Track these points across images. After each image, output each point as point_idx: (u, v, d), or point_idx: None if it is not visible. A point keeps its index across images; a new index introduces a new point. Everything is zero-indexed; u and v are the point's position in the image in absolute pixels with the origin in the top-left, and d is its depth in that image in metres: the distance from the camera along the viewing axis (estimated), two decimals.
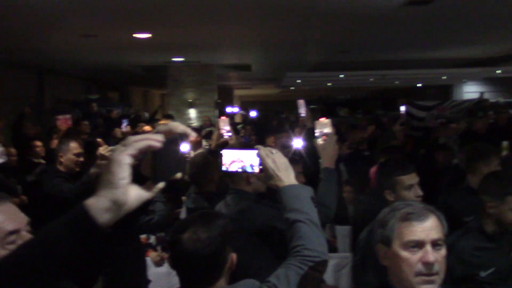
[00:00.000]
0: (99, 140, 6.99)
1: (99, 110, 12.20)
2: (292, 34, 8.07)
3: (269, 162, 1.84)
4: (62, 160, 4.11)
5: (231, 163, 1.84)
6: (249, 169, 1.85)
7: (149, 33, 7.51)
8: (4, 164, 5.26)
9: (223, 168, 1.86)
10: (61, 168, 4.10)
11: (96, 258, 1.04)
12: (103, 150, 3.48)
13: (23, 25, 6.56)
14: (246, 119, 16.16)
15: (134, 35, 7.53)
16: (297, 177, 3.12)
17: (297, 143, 3.35)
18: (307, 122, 4.10)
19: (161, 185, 1.08)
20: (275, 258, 2.60)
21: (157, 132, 1.09)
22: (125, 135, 7.37)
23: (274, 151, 1.90)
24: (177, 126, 1.11)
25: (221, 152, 1.93)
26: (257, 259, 2.60)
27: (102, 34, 7.39)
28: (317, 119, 2.96)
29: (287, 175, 1.86)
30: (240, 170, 1.87)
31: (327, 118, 3.04)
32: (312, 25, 7.34)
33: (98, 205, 1.00)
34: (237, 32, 7.86)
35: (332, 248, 5.00)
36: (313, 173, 3.46)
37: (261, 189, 2.80)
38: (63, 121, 7.43)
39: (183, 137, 1.10)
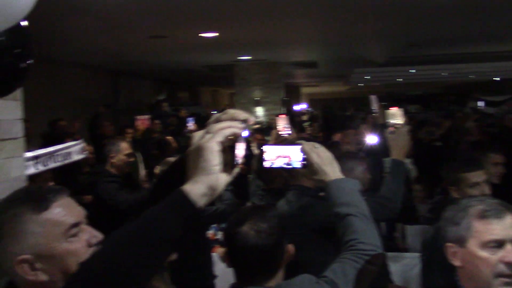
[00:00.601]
0: (169, 138, 7.24)
1: (169, 109, 12.54)
2: (360, 28, 7.89)
3: (314, 157, 1.81)
4: (113, 161, 4.09)
5: (276, 159, 1.81)
6: (295, 165, 1.81)
7: (216, 32, 7.61)
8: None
9: (267, 164, 1.83)
10: (112, 170, 4.08)
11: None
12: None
13: (97, 28, 6.83)
14: (313, 116, 16.03)
15: (201, 34, 7.65)
16: (362, 174, 3.07)
17: (372, 139, 3.29)
18: (380, 118, 3.99)
19: (237, 169, 1.13)
20: (337, 254, 2.55)
21: (220, 120, 1.14)
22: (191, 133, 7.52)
23: (317, 145, 1.86)
24: (238, 113, 1.15)
25: (262, 148, 1.90)
26: (320, 255, 2.56)
27: (170, 34, 7.57)
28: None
29: (332, 169, 1.83)
30: (285, 165, 1.83)
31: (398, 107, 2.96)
32: (381, 18, 7.15)
33: (196, 191, 1.06)
34: (303, 28, 7.80)
35: (401, 248, 4.87)
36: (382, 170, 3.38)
37: None
38: (142, 121, 7.87)
39: (244, 122, 1.14)
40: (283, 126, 3.72)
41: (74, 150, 3.47)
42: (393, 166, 2.68)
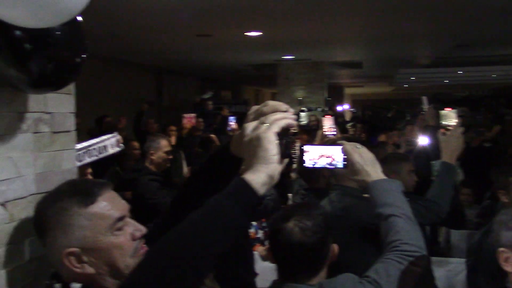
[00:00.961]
0: (212, 136, 7.31)
1: (213, 108, 12.65)
2: (407, 27, 7.75)
3: (356, 157, 1.78)
4: (153, 158, 4.09)
5: (319, 158, 1.80)
6: (337, 165, 1.80)
7: (260, 31, 7.62)
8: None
9: (309, 163, 1.82)
10: (151, 167, 4.08)
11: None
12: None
13: (142, 27, 6.97)
14: (356, 117, 15.86)
15: (246, 33, 7.68)
16: (408, 176, 3.01)
17: (423, 140, 3.23)
18: (430, 119, 3.90)
19: (286, 160, 1.15)
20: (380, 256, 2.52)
21: (263, 113, 1.20)
22: (233, 132, 7.59)
23: (359, 145, 1.83)
24: (279, 104, 1.21)
25: (302, 148, 1.88)
26: (362, 257, 2.52)
27: (215, 33, 7.64)
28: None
29: (374, 170, 1.79)
30: (328, 165, 1.82)
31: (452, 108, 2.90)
32: (427, 18, 7.00)
33: (257, 180, 1.08)
34: (349, 27, 7.72)
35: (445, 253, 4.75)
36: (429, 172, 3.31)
37: None
38: (189, 119, 8.06)
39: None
40: (329, 126, 3.70)
41: (109, 143, 3.50)
42: (443, 169, 2.62)
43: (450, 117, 2.73)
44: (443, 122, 2.69)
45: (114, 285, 1.29)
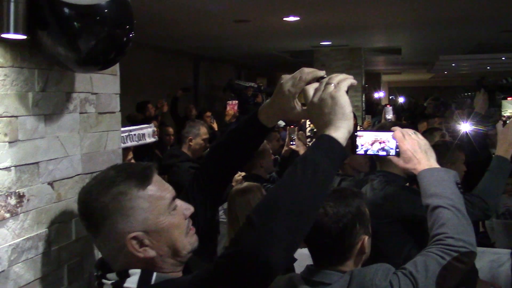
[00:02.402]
0: None
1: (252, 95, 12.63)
2: (449, 12, 7.51)
3: (407, 144, 1.69)
4: (191, 143, 4.13)
5: (372, 144, 1.74)
6: (390, 152, 1.73)
7: (298, 17, 7.53)
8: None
9: (361, 150, 1.76)
10: (188, 152, 4.10)
11: None
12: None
13: (180, 12, 6.96)
14: (394, 104, 15.58)
15: (284, 18, 7.60)
16: (458, 165, 2.89)
17: (465, 127, 3.11)
18: (480, 106, 3.74)
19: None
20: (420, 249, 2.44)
21: (302, 79, 1.33)
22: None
23: (412, 132, 1.74)
24: (315, 70, 1.34)
25: (355, 134, 1.81)
26: (401, 248, 2.46)
27: (253, 19, 7.58)
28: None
29: (427, 158, 1.69)
30: (382, 152, 1.75)
31: None
32: (472, 2, 6.76)
33: (341, 135, 1.16)
34: (388, 12, 7.53)
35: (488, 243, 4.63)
36: (481, 162, 3.18)
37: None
38: (232, 106, 8.21)
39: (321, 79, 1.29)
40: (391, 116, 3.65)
41: (147, 132, 3.57)
42: (497, 163, 2.48)
43: (508, 107, 2.61)
44: (504, 113, 2.56)
45: (172, 265, 1.29)
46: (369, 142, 1.72)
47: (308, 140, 6.91)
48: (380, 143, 1.71)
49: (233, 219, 2.79)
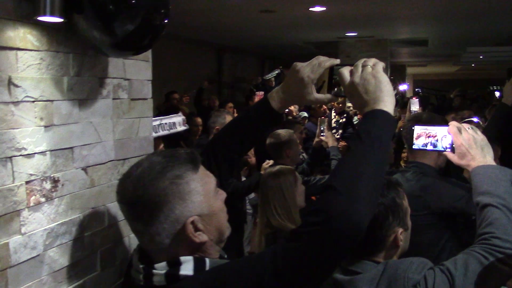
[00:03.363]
0: None
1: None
2: (477, 3, 7.34)
3: (462, 139, 1.64)
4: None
5: (427, 139, 1.69)
6: (439, 147, 1.67)
7: (324, 7, 7.44)
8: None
9: (415, 145, 1.71)
10: None
11: None
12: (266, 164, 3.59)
13: (205, 2, 6.94)
14: (420, 96, 15.34)
15: (310, 9, 7.52)
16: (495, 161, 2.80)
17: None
18: (506, 97, 3.60)
19: None
20: (458, 244, 2.37)
21: (320, 64, 1.47)
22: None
23: (468, 127, 1.68)
24: (331, 59, 1.50)
25: (412, 128, 1.79)
26: (438, 240, 2.41)
27: (280, 9, 7.52)
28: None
29: (482, 154, 1.63)
30: (430, 147, 1.70)
31: None
32: None
33: (390, 109, 1.25)
34: (414, 2, 7.39)
35: None
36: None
37: None
38: (259, 96, 8.41)
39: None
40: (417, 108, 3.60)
41: (177, 121, 3.63)
42: None
43: None
44: None
45: (216, 251, 1.28)
46: (424, 137, 1.69)
47: (334, 131, 6.86)
48: (428, 137, 1.67)
49: (264, 203, 2.75)
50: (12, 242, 1.32)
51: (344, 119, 7.88)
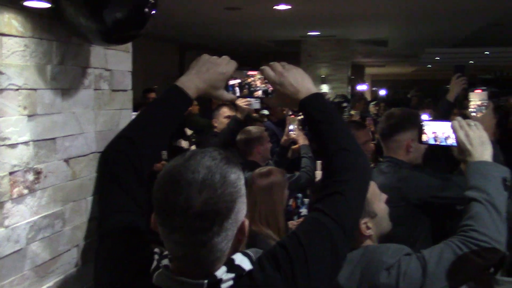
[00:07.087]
0: None
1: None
2: (437, 4, 7.53)
3: (462, 135, 1.69)
4: (216, 124, 4.59)
5: (434, 135, 1.74)
6: (449, 142, 1.73)
7: (289, 5, 7.48)
8: None
9: (424, 140, 1.76)
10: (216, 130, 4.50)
11: None
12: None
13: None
14: (377, 96, 15.67)
15: (275, 7, 7.55)
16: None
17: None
18: (449, 93, 3.72)
19: None
20: (436, 235, 2.42)
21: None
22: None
23: (472, 123, 1.73)
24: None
25: (421, 123, 1.86)
26: (416, 232, 2.45)
27: (245, 6, 7.51)
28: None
29: (480, 151, 1.68)
30: (441, 143, 1.76)
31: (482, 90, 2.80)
32: None
33: (314, 88, 1.61)
34: (376, 3, 7.53)
35: None
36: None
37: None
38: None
39: None
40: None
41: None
42: None
43: (479, 99, 2.63)
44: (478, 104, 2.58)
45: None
46: (430, 134, 1.73)
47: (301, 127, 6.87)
48: (442, 134, 1.73)
49: (251, 204, 2.55)
50: None
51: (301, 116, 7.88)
